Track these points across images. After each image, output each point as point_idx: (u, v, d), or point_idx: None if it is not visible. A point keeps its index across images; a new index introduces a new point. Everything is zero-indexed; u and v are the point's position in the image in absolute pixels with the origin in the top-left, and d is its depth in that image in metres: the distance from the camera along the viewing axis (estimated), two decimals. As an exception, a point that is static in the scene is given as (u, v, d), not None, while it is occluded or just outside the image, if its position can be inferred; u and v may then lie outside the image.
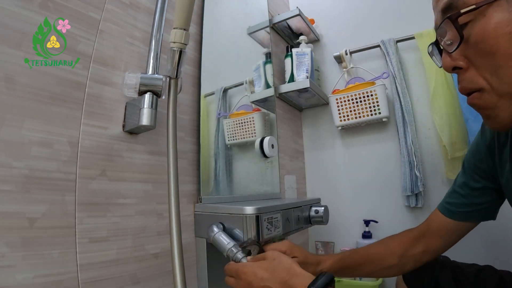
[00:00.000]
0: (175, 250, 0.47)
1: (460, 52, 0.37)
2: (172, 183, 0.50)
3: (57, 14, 0.46)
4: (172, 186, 0.50)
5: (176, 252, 0.47)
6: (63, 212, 0.44)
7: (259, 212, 0.56)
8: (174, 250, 0.47)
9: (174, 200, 0.50)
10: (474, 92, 0.38)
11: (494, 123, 0.38)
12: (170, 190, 0.50)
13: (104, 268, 0.48)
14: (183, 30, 0.51)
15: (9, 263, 0.37)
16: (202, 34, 0.76)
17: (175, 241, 0.48)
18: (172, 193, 0.50)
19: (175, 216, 0.49)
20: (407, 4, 1.07)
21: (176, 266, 0.46)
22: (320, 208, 0.75)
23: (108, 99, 0.52)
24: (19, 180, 0.39)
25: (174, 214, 0.49)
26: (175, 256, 0.47)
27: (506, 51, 0.33)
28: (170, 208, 0.49)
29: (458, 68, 0.38)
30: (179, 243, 0.48)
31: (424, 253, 0.63)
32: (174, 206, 0.49)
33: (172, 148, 0.52)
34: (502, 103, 0.35)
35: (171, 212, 0.49)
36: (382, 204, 1.06)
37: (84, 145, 0.48)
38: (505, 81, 0.34)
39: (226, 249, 0.52)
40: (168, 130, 0.52)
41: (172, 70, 0.53)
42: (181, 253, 0.48)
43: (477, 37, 0.34)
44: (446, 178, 0.96)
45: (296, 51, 1.05)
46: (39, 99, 0.43)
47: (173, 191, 0.50)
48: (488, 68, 0.35)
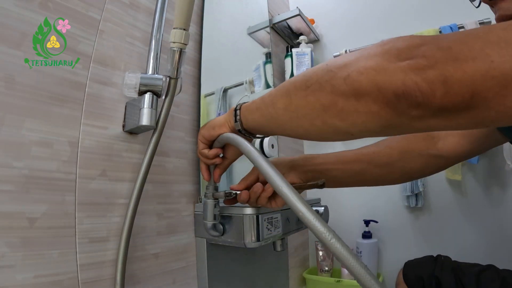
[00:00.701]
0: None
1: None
2: (139, 181, 0.51)
3: (57, 14, 0.46)
4: (137, 185, 0.51)
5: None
6: (63, 212, 0.44)
7: (259, 212, 0.56)
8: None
9: (135, 200, 0.50)
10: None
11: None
12: (135, 187, 0.50)
13: (104, 268, 0.48)
14: (183, 30, 0.51)
15: (9, 263, 0.37)
16: (202, 34, 0.76)
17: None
18: (135, 192, 0.50)
19: (131, 214, 0.50)
20: (407, 4, 1.07)
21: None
22: (320, 208, 0.75)
23: (108, 99, 0.52)
24: (19, 180, 0.39)
25: (129, 216, 0.50)
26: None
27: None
28: (128, 208, 0.50)
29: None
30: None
31: (439, 153, 0.53)
32: (132, 206, 0.50)
33: (152, 146, 0.52)
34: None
35: (128, 214, 0.50)
36: (382, 204, 1.06)
37: (84, 145, 0.48)
38: None
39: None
40: (156, 128, 0.53)
41: (172, 70, 0.53)
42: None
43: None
44: (446, 178, 0.96)
45: (296, 51, 1.05)
46: (39, 99, 0.43)
47: (136, 191, 0.50)
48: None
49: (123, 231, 0.48)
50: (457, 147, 0.53)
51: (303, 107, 0.34)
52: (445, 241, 0.94)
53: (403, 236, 1.01)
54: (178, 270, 0.60)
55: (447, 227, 0.95)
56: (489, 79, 0.24)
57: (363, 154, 0.56)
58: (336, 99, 0.31)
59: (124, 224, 0.49)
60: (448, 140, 0.54)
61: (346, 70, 0.30)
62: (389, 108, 0.28)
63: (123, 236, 0.48)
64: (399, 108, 0.27)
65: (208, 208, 0.53)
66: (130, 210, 0.49)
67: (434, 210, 0.98)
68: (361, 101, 0.29)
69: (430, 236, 0.97)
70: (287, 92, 0.36)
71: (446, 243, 0.94)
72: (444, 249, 0.85)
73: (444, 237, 0.95)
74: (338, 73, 0.30)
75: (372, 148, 0.56)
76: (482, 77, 0.24)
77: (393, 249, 1.02)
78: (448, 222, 0.95)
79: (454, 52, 0.25)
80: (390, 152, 0.55)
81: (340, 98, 0.30)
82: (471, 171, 0.93)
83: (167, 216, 0.60)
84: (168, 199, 0.61)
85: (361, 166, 0.55)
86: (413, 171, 0.56)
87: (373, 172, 0.55)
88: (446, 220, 0.95)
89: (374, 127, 0.30)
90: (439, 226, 0.96)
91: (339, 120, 0.31)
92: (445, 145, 0.54)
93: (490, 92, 0.24)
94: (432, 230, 0.97)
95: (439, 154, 0.54)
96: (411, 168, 0.55)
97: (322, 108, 0.32)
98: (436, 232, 0.97)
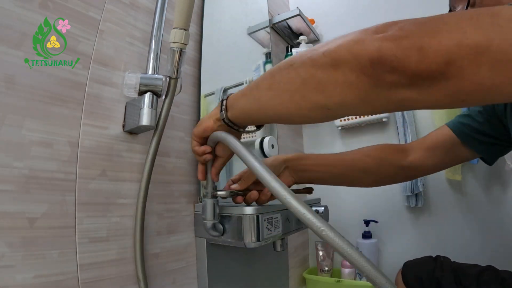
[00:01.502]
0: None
1: None
2: (144, 181, 0.52)
3: (57, 14, 0.46)
4: (143, 186, 0.52)
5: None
6: (63, 212, 0.44)
7: (259, 212, 0.56)
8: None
9: (142, 200, 0.51)
10: None
11: None
12: (141, 188, 0.52)
13: (104, 268, 0.48)
14: (183, 30, 0.51)
15: (9, 263, 0.37)
16: (202, 34, 0.76)
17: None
18: (142, 191, 0.52)
19: (140, 214, 0.51)
20: (407, 4, 1.07)
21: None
22: (320, 208, 0.75)
23: (108, 99, 0.52)
24: (19, 180, 0.39)
25: (139, 215, 0.51)
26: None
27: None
28: (137, 210, 0.51)
29: None
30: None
31: (408, 165, 0.60)
32: (141, 208, 0.51)
33: (154, 146, 0.53)
34: None
35: (138, 213, 0.51)
36: (382, 204, 1.06)
37: (84, 145, 0.48)
38: None
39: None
40: (156, 129, 0.53)
41: (172, 70, 0.53)
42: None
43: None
44: (446, 178, 0.96)
45: (296, 51, 1.05)
46: (39, 99, 0.43)
47: (142, 190, 0.52)
48: None
49: (135, 231, 0.51)
50: (425, 160, 0.60)
51: (285, 83, 0.35)
52: (445, 241, 0.94)
53: (403, 236, 1.01)
54: (178, 270, 0.60)
55: (447, 227, 0.95)
56: (464, 48, 0.24)
57: (344, 160, 0.63)
58: (314, 71, 0.32)
59: (136, 224, 0.51)
60: (417, 153, 0.61)
61: (327, 45, 0.31)
62: (365, 75, 0.28)
63: (136, 235, 0.51)
64: (374, 75, 0.28)
65: (207, 207, 0.54)
66: (139, 211, 0.51)
67: (434, 210, 0.98)
68: (338, 70, 0.30)
69: (430, 236, 0.97)
70: (271, 73, 0.38)
71: (446, 243, 0.94)
72: (444, 249, 0.85)
73: (444, 237, 0.94)
74: (318, 49, 0.32)
75: (352, 155, 0.63)
76: (456, 46, 0.24)
77: (393, 249, 1.02)
78: (448, 222, 0.95)
79: (429, 25, 0.26)
80: (367, 160, 0.61)
81: (318, 70, 0.31)
82: (471, 171, 0.93)
83: (167, 216, 0.60)
84: (168, 199, 0.61)
85: (341, 170, 0.62)
86: (385, 179, 0.64)
87: (350, 176, 0.63)
88: (446, 220, 0.95)
89: (351, 100, 0.31)
90: (439, 226, 0.96)
91: (317, 92, 0.32)
92: (415, 158, 0.60)
93: (464, 61, 0.24)
94: (432, 230, 0.97)
95: (408, 166, 0.60)
96: (384, 175, 0.62)
97: (301, 81, 0.33)
98: (436, 232, 0.97)
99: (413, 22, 0.27)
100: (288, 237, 0.72)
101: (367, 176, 0.62)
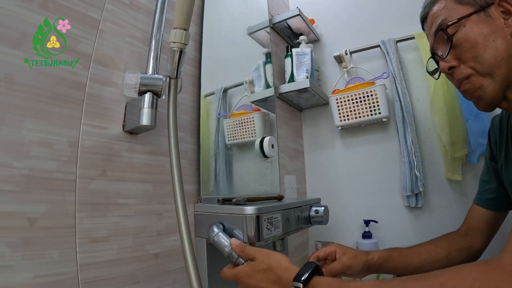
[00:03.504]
0: (187, 249, 0.47)
1: (451, 56, 0.52)
2: (177, 183, 0.50)
3: (57, 14, 0.46)
4: (177, 186, 0.50)
5: (188, 251, 0.47)
6: (63, 212, 0.44)
7: (259, 212, 0.56)
8: (186, 249, 0.47)
9: (180, 199, 0.49)
10: (465, 80, 0.51)
11: (483, 102, 0.50)
12: (175, 190, 0.50)
13: (104, 268, 0.48)
14: (183, 30, 0.51)
15: (9, 263, 0.37)
16: (202, 34, 0.76)
17: (186, 240, 0.48)
18: (178, 192, 0.49)
19: (183, 216, 0.49)
20: (407, 4, 1.07)
21: (190, 265, 0.47)
22: (320, 208, 0.75)
23: (108, 99, 0.52)
24: (19, 180, 0.39)
25: (182, 214, 0.49)
26: (188, 256, 0.47)
27: (482, 43, 0.48)
28: (177, 209, 0.49)
29: (452, 68, 0.52)
30: (190, 242, 0.48)
31: (470, 249, 0.67)
32: (181, 205, 0.49)
33: (174, 149, 0.52)
34: (485, 81, 0.49)
35: (179, 212, 0.49)
36: (382, 204, 1.06)
37: (84, 145, 0.48)
38: (485, 64, 0.48)
39: (226, 251, 0.52)
40: (169, 131, 0.52)
41: (172, 70, 0.53)
42: (192, 252, 0.48)
43: (461, 39, 0.50)
44: (446, 178, 0.96)
45: (296, 51, 1.05)
46: (39, 99, 0.43)
47: (178, 191, 0.50)
48: (472, 59, 0.49)
49: (180, 226, 0.49)
50: (485, 244, 0.68)
51: None
52: (445, 241, 0.94)
53: (403, 236, 1.01)
54: (178, 270, 0.60)
55: (447, 227, 0.95)
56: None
57: (419, 253, 0.69)
58: None
59: (179, 220, 0.49)
60: (477, 240, 0.68)
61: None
62: None
63: (182, 229, 0.48)
64: None
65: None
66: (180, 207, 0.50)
67: (434, 210, 0.98)
68: None
69: (430, 236, 0.96)
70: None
71: (446, 243, 0.93)
72: (444, 249, 0.85)
73: (444, 237, 0.94)
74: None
75: (426, 247, 0.70)
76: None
77: (393, 249, 1.02)
78: (448, 222, 0.95)
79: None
80: (440, 251, 0.68)
81: None
82: (471, 171, 0.93)
83: (167, 216, 0.60)
84: (168, 199, 0.61)
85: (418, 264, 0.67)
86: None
87: (428, 268, 0.67)
88: (446, 220, 0.95)
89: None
90: (439, 226, 0.96)
91: None
92: (480, 245, 0.68)
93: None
94: (432, 230, 0.97)
95: (474, 252, 0.68)
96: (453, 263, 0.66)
97: None
98: (436, 232, 0.96)
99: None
100: (288, 237, 0.72)
101: (441, 265, 0.66)
